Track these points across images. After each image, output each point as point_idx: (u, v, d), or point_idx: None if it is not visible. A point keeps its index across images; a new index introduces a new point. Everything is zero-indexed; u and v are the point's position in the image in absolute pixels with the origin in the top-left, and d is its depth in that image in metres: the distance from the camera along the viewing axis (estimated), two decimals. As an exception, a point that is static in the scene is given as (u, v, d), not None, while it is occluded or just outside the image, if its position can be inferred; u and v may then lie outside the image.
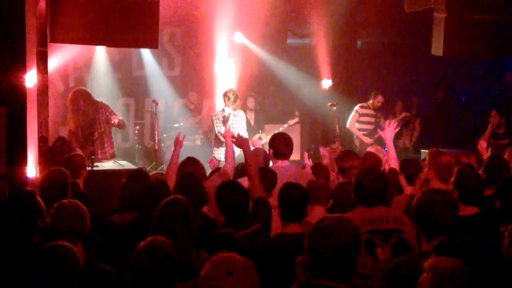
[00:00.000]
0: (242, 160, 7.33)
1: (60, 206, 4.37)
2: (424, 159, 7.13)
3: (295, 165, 6.72)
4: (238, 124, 10.43)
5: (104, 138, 9.73)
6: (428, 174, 5.97)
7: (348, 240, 3.08)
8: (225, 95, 10.42)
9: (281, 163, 6.40)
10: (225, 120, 10.23)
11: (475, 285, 2.74)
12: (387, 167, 6.87)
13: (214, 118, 10.50)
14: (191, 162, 6.66)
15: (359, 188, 4.86)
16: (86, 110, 9.59)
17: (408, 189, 6.14)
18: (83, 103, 9.59)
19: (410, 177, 6.24)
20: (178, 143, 6.87)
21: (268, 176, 5.89)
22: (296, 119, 11.66)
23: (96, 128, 9.53)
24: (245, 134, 10.50)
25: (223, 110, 10.43)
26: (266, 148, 10.32)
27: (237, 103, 10.43)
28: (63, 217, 4.27)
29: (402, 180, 6.29)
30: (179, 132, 7.10)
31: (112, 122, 9.69)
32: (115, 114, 9.88)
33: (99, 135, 9.41)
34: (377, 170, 5.14)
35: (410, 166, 6.42)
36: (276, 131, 11.17)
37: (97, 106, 9.70)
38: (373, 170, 5.03)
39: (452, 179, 5.10)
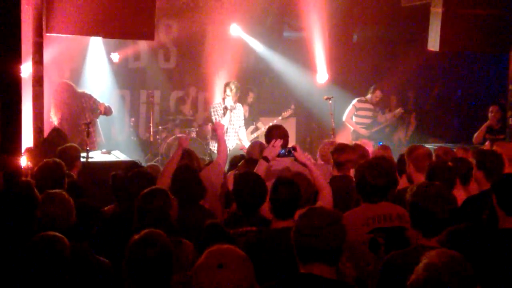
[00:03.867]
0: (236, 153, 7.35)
1: (46, 196, 4.39)
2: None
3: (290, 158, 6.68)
4: (236, 117, 10.33)
5: (90, 127, 9.75)
6: (409, 170, 6.00)
7: (332, 235, 3.17)
8: (227, 85, 10.26)
9: None
10: (226, 112, 10.14)
11: (466, 275, 2.75)
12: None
13: (212, 110, 10.34)
14: (187, 154, 6.67)
15: (362, 184, 4.80)
16: (70, 103, 9.63)
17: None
18: (67, 96, 9.64)
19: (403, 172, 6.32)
20: (182, 144, 6.68)
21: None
22: (290, 111, 11.68)
23: (82, 119, 9.56)
24: (242, 128, 10.47)
25: (223, 102, 10.27)
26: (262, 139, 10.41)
27: (238, 95, 10.33)
28: (49, 207, 4.31)
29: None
30: (186, 134, 6.96)
31: (98, 111, 9.75)
32: (99, 102, 9.92)
33: (85, 125, 9.42)
34: (380, 164, 5.07)
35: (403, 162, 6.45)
36: (271, 123, 11.29)
37: (80, 97, 9.74)
38: (376, 165, 4.95)
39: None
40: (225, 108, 10.16)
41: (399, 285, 3.24)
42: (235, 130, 10.24)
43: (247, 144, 9.83)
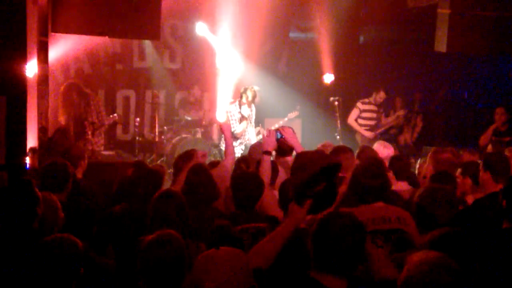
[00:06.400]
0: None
1: None
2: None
3: None
4: (252, 120, 10.39)
5: (96, 127, 9.77)
6: (427, 170, 5.96)
7: (353, 239, 3.09)
8: (244, 92, 10.21)
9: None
10: (242, 121, 10.11)
11: (452, 275, 2.71)
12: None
13: (229, 114, 10.29)
14: (190, 154, 6.60)
15: (356, 185, 4.79)
16: (78, 103, 9.64)
17: (396, 185, 6.09)
18: (76, 96, 9.63)
19: (398, 173, 6.26)
20: (198, 159, 6.38)
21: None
22: (296, 113, 11.65)
23: (88, 120, 9.57)
24: (253, 129, 10.46)
25: (239, 107, 10.22)
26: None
27: (253, 101, 10.30)
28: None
29: (391, 176, 6.27)
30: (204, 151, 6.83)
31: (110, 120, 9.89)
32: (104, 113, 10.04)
33: (91, 124, 9.43)
34: (374, 166, 5.07)
35: (398, 162, 6.44)
36: (277, 125, 11.25)
37: (88, 98, 9.75)
38: (370, 166, 4.94)
39: None
40: (242, 118, 10.11)
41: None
42: (248, 137, 10.23)
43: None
